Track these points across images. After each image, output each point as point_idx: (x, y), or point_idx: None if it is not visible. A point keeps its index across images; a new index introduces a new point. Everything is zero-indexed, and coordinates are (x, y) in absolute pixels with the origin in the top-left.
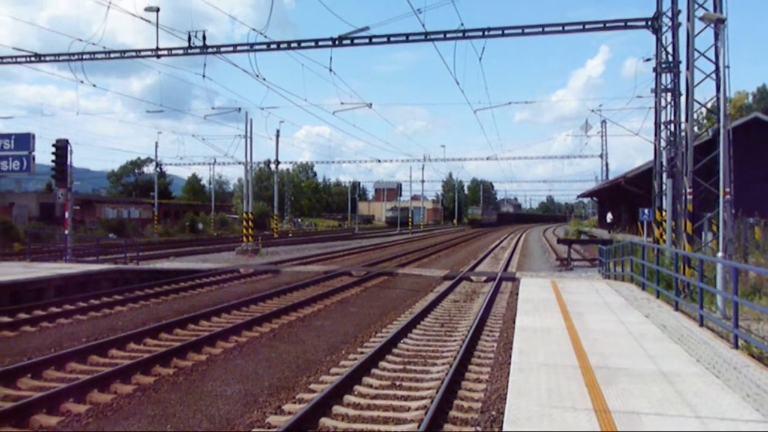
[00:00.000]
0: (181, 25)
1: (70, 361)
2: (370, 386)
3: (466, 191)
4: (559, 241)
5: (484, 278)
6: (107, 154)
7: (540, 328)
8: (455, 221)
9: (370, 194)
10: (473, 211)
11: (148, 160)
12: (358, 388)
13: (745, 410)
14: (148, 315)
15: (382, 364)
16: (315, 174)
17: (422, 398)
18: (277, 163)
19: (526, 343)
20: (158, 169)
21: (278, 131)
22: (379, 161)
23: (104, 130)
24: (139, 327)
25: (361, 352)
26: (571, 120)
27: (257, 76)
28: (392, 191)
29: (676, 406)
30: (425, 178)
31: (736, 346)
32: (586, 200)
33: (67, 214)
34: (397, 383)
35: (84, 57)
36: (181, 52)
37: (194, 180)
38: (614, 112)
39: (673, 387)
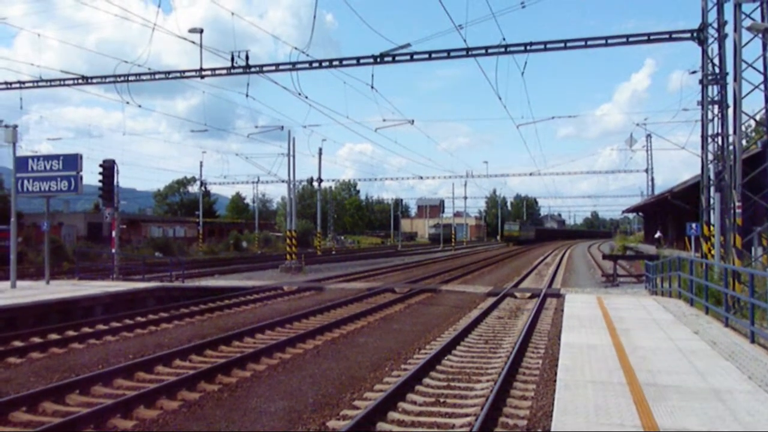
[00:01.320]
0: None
1: (117, 378)
2: (414, 403)
3: (509, 207)
4: (605, 257)
5: (528, 295)
6: (153, 174)
7: (586, 345)
8: (499, 238)
9: (413, 211)
10: (510, 227)
11: (193, 180)
12: (402, 404)
13: None
14: (193, 332)
15: (426, 380)
16: (358, 191)
17: (467, 415)
18: (320, 180)
19: (571, 360)
20: (203, 188)
21: (320, 149)
22: (421, 178)
23: (150, 151)
24: (185, 344)
25: (405, 369)
26: (616, 135)
27: (299, 94)
28: (435, 208)
29: (727, 424)
30: (468, 195)
31: None
32: (631, 216)
33: (114, 233)
34: (442, 400)
35: (130, 78)
36: (224, 72)
37: (238, 198)
38: (659, 126)
39: (725, 404)
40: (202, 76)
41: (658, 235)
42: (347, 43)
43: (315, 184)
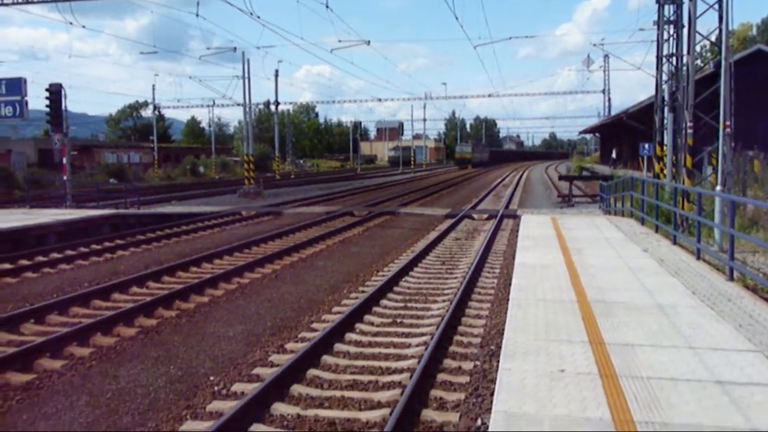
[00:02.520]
0: None
1: (73, 306)
2: (372, 324)
3: (468, 129)
4: (561, 177)
5: (485, 216)
6: (105, 98)
7: (539, 264)
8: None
9: (372, 134)
10: (461, 149)
11: (146, 104)
12: (359, 326)
13: (737, 340)
14: (150, 259)
15: (384, 302)
16: (317, 115)
17: (423, 335)
18: (277, 104)
19: (525, 279)
20: (157, 113)
21: (277, 71)
22: (380, 100)
23: (100, 74)
24: (142, 270)
25: (363, 291)
26: (576, 55)
27: (251, 14)
28: (394, 131)
29: (670, 337)
30: (427, 117)
31: (732, 278)
32: (588, 137)
33: (64, 160)
34: (399, 321)
35: None
36: None
37: (194, 123)
38: (617, 46)
39: (668, 319)
40: None
41: (613, 155)
42: None
43: (272, 107)
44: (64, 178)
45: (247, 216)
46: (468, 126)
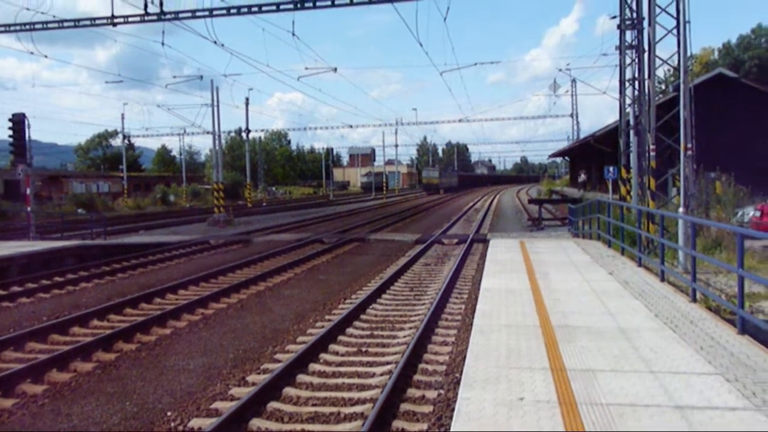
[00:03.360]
0: None
1: (29, 341)
2: (337, 353)
3: (441, 154)
4: (530, 201)
5: (455, 241)
6: (74, 127)
7: (505, 289)
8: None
9: (345, 160)
10: (428, 173)
11: (116, 133)
12: (323, 356)
13: (697, 363)
14: (113, 290)
15: (350, 330)
16: (289, 141)
17: (388, 363)
18: (248, 131)
19: (489, 305)
20: (126, 141)
21: (247, 99)
22: (351, 126)
23: (70, 103)
24: (103, 303)
25: (329, 320)
26: (545, 80)
27: (215, 42)
28: (366, 157)
29: (631, 362)
30: (400, 143)
31: (695, 300)
32: (559, 160)
33: (28, 191)
34: (364, 349)
35: (36, 27)
36: (137, 19)
37: (164, 151)
38: (583, 71)
39: (630, 343)
40: (114, 24)
41: (582, 178)
42: None
43: (243, 134)
44: (28, 209)
45: (215, 245)
46: (440, 151)
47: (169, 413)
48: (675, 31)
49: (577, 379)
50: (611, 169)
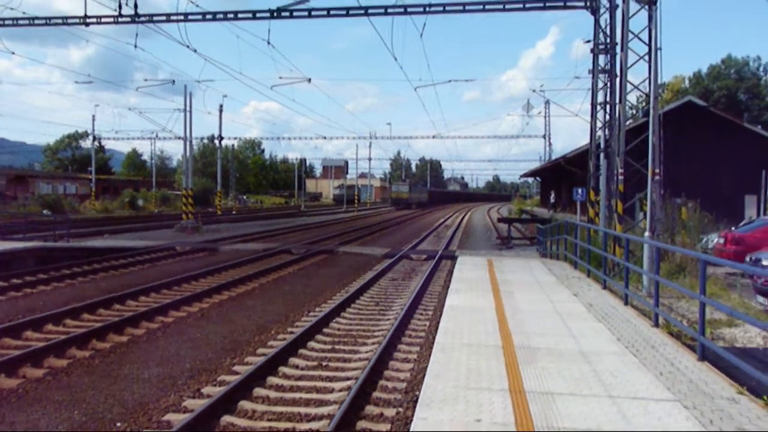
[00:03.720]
0: None
1: None
2: (296, 367)
3: (414, 170)
4: (500, 219)
5: (424, 256)
6: (45, 127)
7: (469, 308)
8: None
9: (319, 172)
10: (398, 188)
11: (86, 134)
12: (282, 369)
13: (657, 389)
14: (72, 295)
15: (311, 344)
16: (262, 150)
17: (348, 379)
18: (221, 138)
19: (452, 323)
20: (97, 144)
21: (221, 106)
22: (325, 138)
23: (41, 102)
24: (61, 307)
25: (291, 332)
26: (520, 100)
27: (188, 46)
28: (339, 169)
29: (591, 386)
30: (374, 156)
31: (657, 325)
32: (531, 180)
33: None
34: (324, 364)
35: (5, 23)
36: (111, 20)
37: (134, 155)
38: (556, 93)
39: (591, 366)
40: (87, 24)
41: (553, 199)
42: None
43: (216, 141)
44: None
45: (181, 252)
46: (413, 166)
47: (118, 424)
48: (647, 57)
49: (535, 402)
50: (580, 190)
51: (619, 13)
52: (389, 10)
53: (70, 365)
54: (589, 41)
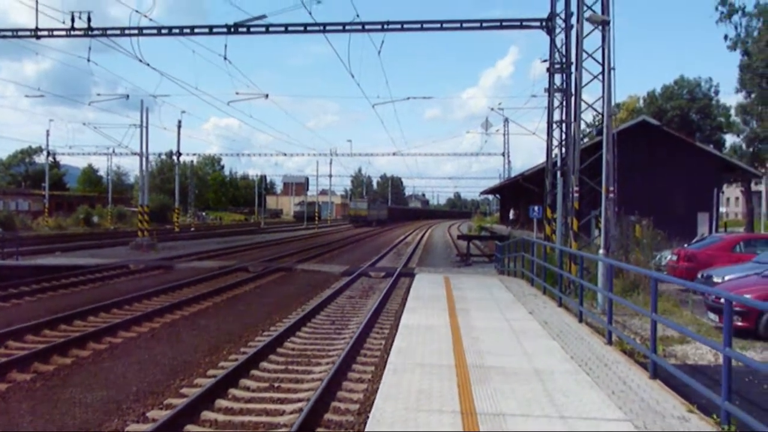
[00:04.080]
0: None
1: None
2: (247, 389)
3: (375, 187)
4: (459, 237)
5: (382, 274)
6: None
7: (423, 326)
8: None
9: (279, 188)
10: (356, 205)
11: (40, 149)
12: (232, 391)
13: (608, 408)
14: (16, 315)
15: (264, 364)
16: (222, 167)
17: (300, 400)
18: (179, 154)
19: (406, 342)
20: (51, 159)
21: (179, 122)
22: (285, 155)
23: None
24: (4, 328)
25: (243, 352)
26: (481, 118)
27: (140, 60)
28: (300, 185)
29: (542, 406)
30: (335, 173)
31: (610, 342)
32: (491, 197)
33: None
34: (276, 385)
35: None
36: (63, 33)
37: (90, 171)
38: (515, 111)
39: (544, 386)
40: (38, 37)
41: (512, 216)
42: (221, 14)
43: (174, 157)
44: None
45: (134, 269)
46: (375, 183)
47: None
48: (600, 77)
49: (486, 423)
50: (536, 208)
51: (573, 33)
52: (347, 27)
53: (9, 389)
54: (545, 61)
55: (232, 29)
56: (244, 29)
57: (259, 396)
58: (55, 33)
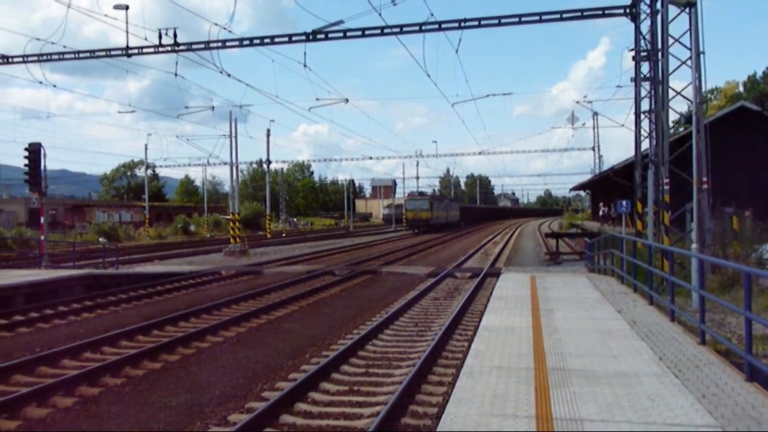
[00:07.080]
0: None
1: (16, 374)
2: (327, 392)
3: (463, 187)
4: (548, 235)
5: (468, 275)
6: (103, 158)
7: (504, 327)
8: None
9: (368, 192)
10: (413, 205)
11: (141, 163)
12: (312, 394)
13: (697, 414)
14: (114, 321)
15: (344, 367)
16: (312, 173)
17: (378, 404)
18: (269, 162)
19: (485, 344)
20: (151, 172)
21: (269, 130)
22: (371, 158)
23: (102, 134)
24: (101, 334)
25: (325, 356)
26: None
27: (221, 72)
28: (388, 188)
29: (624, 411)
30: (422, 175)
31: (703, 342)
32: (583, 193)
33: (42, 219)
34: (356, 388)
35: (52, 57)
36: (151, 50)
37: (187, 182)
38: (604, 103)
39: (628, 389)
40: (129, 55)
41: (602, 212)
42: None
43: (265, 166)
44: (41, 237)
45: (226, 275)
46: (462, 183)
47: None
48: (689, 62)
49: (562, 429)
50: (624, 202)
51: (659, 18)
52: (423, 27)
53: (101, 393)
54: (632, 50)
55: (311, 36)
56: (322, 36)
57: (338, 399)
58: (144, 51)
